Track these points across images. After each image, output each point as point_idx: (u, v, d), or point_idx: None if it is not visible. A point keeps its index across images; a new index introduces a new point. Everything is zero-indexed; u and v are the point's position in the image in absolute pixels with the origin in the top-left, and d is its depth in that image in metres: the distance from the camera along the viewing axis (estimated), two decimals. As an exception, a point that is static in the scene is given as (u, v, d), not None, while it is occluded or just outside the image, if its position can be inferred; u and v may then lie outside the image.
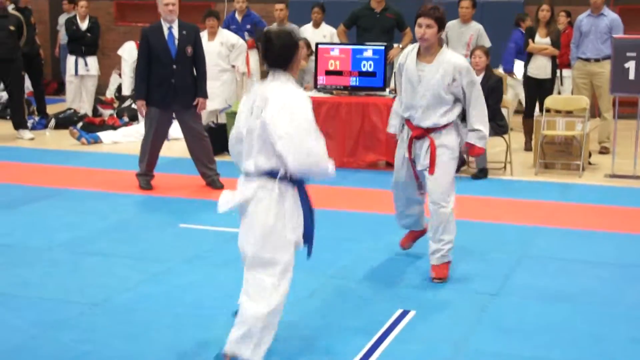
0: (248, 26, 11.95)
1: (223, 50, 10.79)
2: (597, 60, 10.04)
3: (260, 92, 4.02)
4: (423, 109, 5.46)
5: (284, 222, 3.98)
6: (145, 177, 8.09)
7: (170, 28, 7.91)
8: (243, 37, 11.42)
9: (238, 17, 12.00)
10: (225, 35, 10.87)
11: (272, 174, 3.96)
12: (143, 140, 8.14)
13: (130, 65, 13.17)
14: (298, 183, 4.02)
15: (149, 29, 8.02)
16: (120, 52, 13.89)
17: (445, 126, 5.47)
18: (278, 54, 4.01)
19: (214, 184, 8.10)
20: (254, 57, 11.90)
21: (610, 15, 10.11)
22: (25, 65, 11.67)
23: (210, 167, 8.16)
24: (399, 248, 6.09)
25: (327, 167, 3.97)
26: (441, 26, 5.41)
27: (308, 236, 4.09)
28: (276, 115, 3.87)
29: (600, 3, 10.03)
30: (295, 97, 3.95)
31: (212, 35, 10.79)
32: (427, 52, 5.45)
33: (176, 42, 7.90)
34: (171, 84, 7.87)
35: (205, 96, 8.15)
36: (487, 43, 9.92)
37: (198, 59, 8.08)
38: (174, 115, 8.15)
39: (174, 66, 7.88)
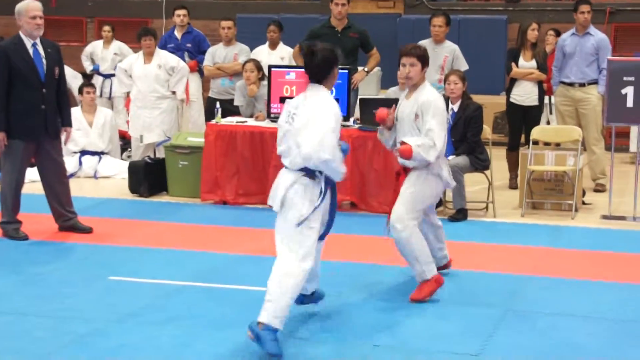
0: (188, 45, 11.99)
1: (161, 74, 10.81)
2: (582, 85, 10.20)
3: (297, 101, 5.27)
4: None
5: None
6: (15, 225, 7.99)
7: (34, 45, 7.85)
8: (182, 58, 11.45)
9: (177, 34, 12.07)
10: (164, 57, 10.90)
11: (305, 170, 5.19)
12: (4, 181, 7.96)
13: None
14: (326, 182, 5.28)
15: (7, 45, 7.91)
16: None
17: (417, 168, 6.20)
18: (318, 67, 5.25)
19: (76, 227, 8.13)
20: (195, 81, 11.94)
21: (598, 35, 10.24)
22: None
23: (69, 209, 8.19)
24: (365, 306, 6.15)
25: (340, 166, 5.22)
26: (424, 64, 6.24)
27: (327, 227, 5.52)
28: (304, 124, 5.12)
29: (586, 21, 10.15)
30: (323, 107, 5.17)
31: (149, 56, 10.83)
32: (411, 90, 6.32)
33: (44, 62, 7.86)
34: (41, 111, 7.82)
35: (71, 125, 8.27)
36: (464, 66, 9.93)
37: (62, 81, 8.11)
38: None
39: (44, 90, 7.84)
